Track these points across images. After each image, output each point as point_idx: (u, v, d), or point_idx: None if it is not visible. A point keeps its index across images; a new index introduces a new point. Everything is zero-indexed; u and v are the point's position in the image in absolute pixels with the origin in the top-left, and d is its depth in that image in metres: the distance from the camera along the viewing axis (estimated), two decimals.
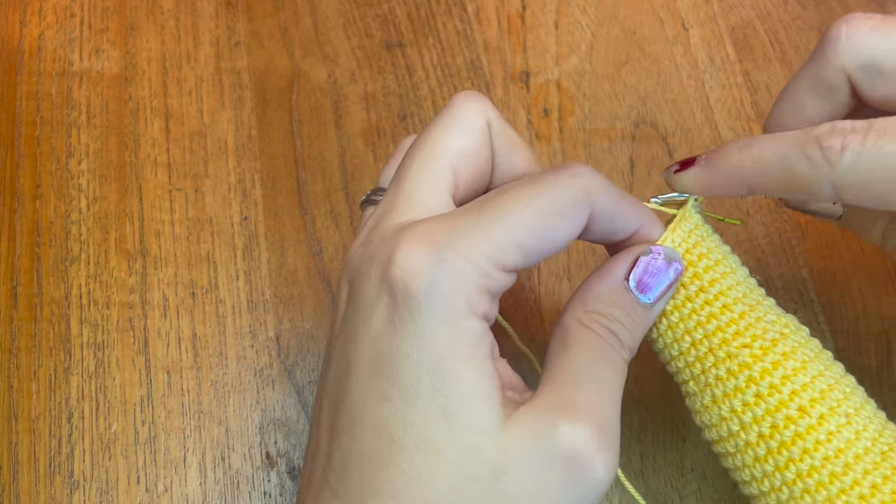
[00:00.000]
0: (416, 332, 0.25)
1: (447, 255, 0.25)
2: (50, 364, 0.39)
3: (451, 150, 0.29)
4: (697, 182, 0.31)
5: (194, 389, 0.38)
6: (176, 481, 0.37)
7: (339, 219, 0.42)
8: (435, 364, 0.25)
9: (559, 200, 0.27)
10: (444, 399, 0.25)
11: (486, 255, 0.26)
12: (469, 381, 0.25)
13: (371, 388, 0.26)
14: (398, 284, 0.26)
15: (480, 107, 0.29)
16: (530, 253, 0.27)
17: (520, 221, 0.26)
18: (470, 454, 0.25)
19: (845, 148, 0.27)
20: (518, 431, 0.25)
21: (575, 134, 0.44)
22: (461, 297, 0.25)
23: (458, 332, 0.25)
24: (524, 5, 0.47)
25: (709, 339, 0.29)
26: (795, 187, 0.28)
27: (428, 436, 0.25)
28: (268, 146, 0.44)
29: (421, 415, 0.25)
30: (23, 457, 0.37)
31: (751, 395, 0.28)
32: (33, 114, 0.44)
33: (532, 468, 0.25)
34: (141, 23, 0.46)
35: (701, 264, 0.30)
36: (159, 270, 0.41)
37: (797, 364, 0.28)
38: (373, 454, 0.26)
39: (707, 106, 0.44)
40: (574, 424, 0.25)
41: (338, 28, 0.46)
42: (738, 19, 0.47)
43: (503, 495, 0.25)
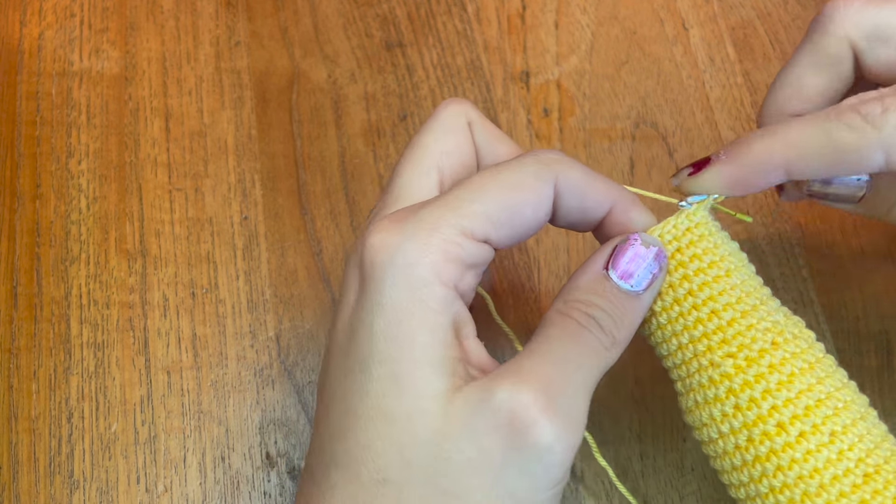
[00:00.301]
0: (378, 301, 0.26)
1: (410, 227, 0.26)
2: (50, 364, 0.39)
3: (435, 149, 0.30)
4: (722, 180, 0.30)
5: (194, 389, 0.38)
6: (176, 481, 0.37)
7: (339, 219, 0.42)
8: (392, 330, 0.26)
9: (521, 172, 0.28)
10: (396, 364, 0.26)
11: (451, 223, 0.27)
12: (422, 344, 0.26)
13: (342, 364, 0.27)
14: (366, 261, 0.27)
15: (460, 108, 0.31)
16: (500, 224, 0.27)
17: (487, 193, 0.27)
18: (416, 419, 0.25)
19: (887, 109, 0.27)
20: (462, 397, 0.26)
21: (575, 134, 0.44)
22: (426, 265, 0.26)
23: (418, 298, 0.26)
24: (524, 5, 0.47)
25: (694, 344, 0.29)
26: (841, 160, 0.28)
27: (379, 402, 0.26)
28: (268, 146, 0.44)
29: (374, 382, 0.26)
30: (23, 457, 0.37)
31: (730, 406, 0.28)
32: (33, 114, 0.44)
33: (473, 434, 0.25)
34: (141, 23, 0.46)
35: (692, 266, 0.30)
36: (159, 270, 0.41)
37: (783, 377, 0.28)
38: (337, 427, 0.26)
39: (707, 106, 0.44)
40: (514, 389, 0.25)
41: (338, 28, 0.46)
42: (738, 19, 0.47)
43: (447, 463, 0.25)
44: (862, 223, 0.41)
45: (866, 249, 0.41)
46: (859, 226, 0.41)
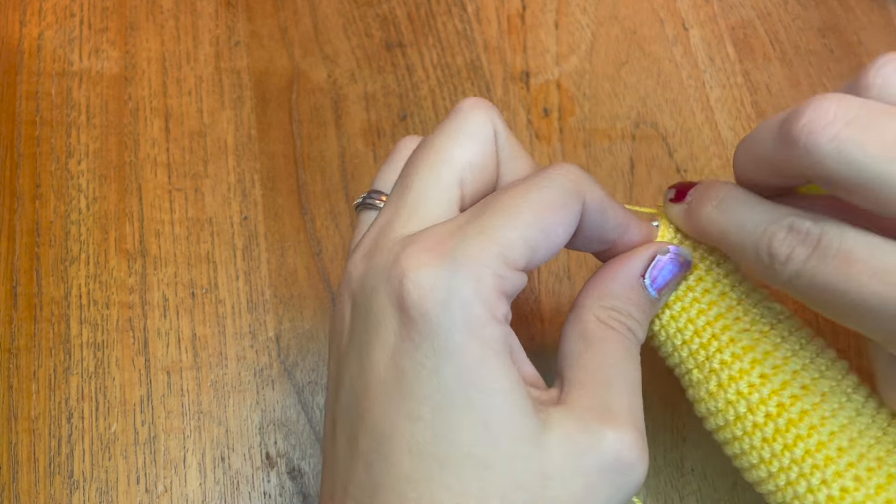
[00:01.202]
0: (440, 347, 0.25)
1: (459, 262, 0.25)
2: (50, 364, 0.39)
3: (458, 160, 0.28)
4: (680, 222, 0.31)
5: (194, 389, 0.38)
6: (176, 481, 0.37)
7: (339, 219, 0.42)
8: (466, 378, 0.25)
9: (555, 192, 0.27)
10: (483, 411, 0.25)
11: (495, 255, 0.25)
12: (503, 391, 0.25)
13: (398, 407, 0.25)
14: (412, 299, 0.25)
15: (488, 116, 0.29)
16: (537, 248, 0.26)
17: (522, 217, 0.26)
18: (517, 464, 0.25)
19: (789, 261, 0.27)
20: (561, 439, 0.25)
21: (575, 134, 0.44)
22: (480, 304, 0.25)
23: (483, 342, 0.25)
24: (524, 5, 0.47)
25: (711, 325, 0.30)
26: (751, 270, 0.30)
27: (471, 451, 0.25)
28: (268, 146, 0.44)
29: (460, 430, 0.25)
30: (22, 457, 0.37)
31: (756, 375, 0.29)
32: (33, 114, 0.44)
33: (579, 474, 0.25)
34: (141, 23, 0.46)
35: (696, 255, 0.31)
36: (159, 270, 0.41)
37: (797, 346, 0.29)
38: (411, 474, 0.25)
39: (707, 106, 0.44)
40: (618, 433, 0.26)
41: (338, 28, 0.46)
42: (738, 19, 0.47)
43: (553, 502, 0.25)
44: None
45: None
46: None
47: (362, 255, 0.28)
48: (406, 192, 0.28)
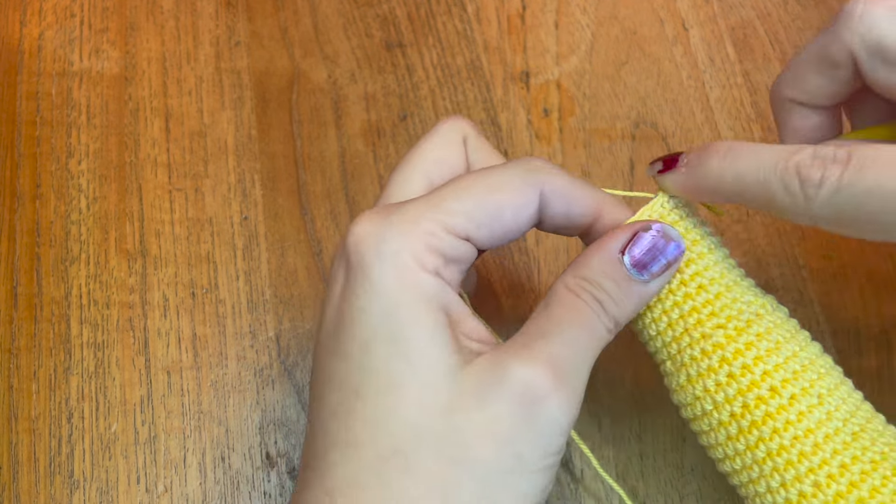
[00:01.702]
0: (369, 288, 0.27)
1: (394, 218, 0.28)
2: (50, 364, 0.39)
3: (424, 158, 0.31)
4: (679, 187, 0.31)
5: (194, 389, 0.38)
6: (176, 481, 0.37)
7: (339, 219, 0.42)
8: (391, 314, 0.27)
9: (507, 176, 0.29)
10: (404, 344, 0.26)
11: (431, 218, 0.28)
12: (425, 326, 0.27)
13: (334, 348, 0.28)
14: (350, 249, 0.28)
15: (457, 124, 0.32)
16: (480, 223, 0.28)
17: (466, 192, 0.28)
18: (427, 392, 0.26)
19: (823, 182, 0.27)
20: (473, 371, 0.27)
21: (575, 134, 0.44)
22: (408, 253, 0.27)
23: (409, 285, 0.27)
24: (524, 5, 0.47)
25: (684, 319, 0.30)
26: (772, 211, 0.29)
27: (389, 379, 0.26)
28: (268, 146, 0.44)
29: (381, 360, 0.27)
30: (23, 457, 0.37)
31: (723, 374, 0.29)
32: (33, 114, 0.44)
33: (484, 403, 0.26)
34: (141, 23, 0.46)
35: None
36: (159, 270, 0.41)
37: (770, 345, 0.29)
38: (336, 409, 0.27)
39: (707, 106, 0.44)
40: (526, 365, 0.26)
41: (338, 28, 0.46)
42: (738, 19, 0.47)
43: (457, 432, 0.26)
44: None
45: (866, 249, 0.41)
46: None
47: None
48: (384, 191, 0.31)
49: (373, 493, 0.26)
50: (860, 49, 0.29)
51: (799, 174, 0.27)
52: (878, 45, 0.28)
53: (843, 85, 0.30)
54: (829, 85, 0.30)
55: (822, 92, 0.31)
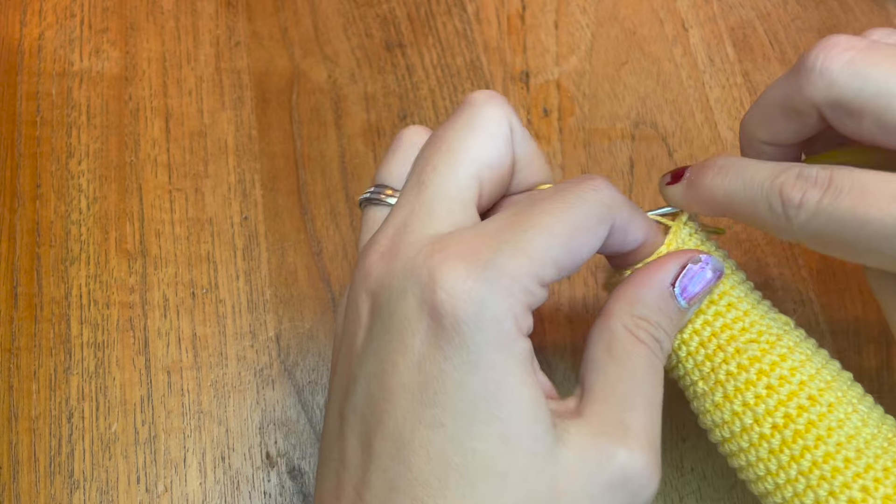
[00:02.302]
0: (469, 360, 0.25)
1: (494, 276, 0.25)
2: (50, 364, 0.39)
3: (476, 158, 0.28)
4: (680, 199, 0.31)
5: (194, 389, 0.39)
6: (176, 481, 0.37)
7: (339, 219, 0.42)
8: (490, 391, 0.25)
9: (587, 216, 0.27)
10: (503, 424, 0.25)
11: (527, 272, 0.25)
12: (525, 405, 0.25)
13: (420, 414, 0.25)
14: (445, 308, 0.25)
15: (503, 111, 0.29)
16: (563, 268, 0.26)
17: (556, 236, 0.26)
18: (531, 477, 0.25)
19: (802, 204, 0.27)
20: (576, 454, 0.26)
21: (575, 134, 0.44)
22: (511, 319, 0.25)
23: (510, 357, 0.25)
24: (524, 5, 0.47)
25: (717, 336, 0.30)
26: (759, 227, 0.29)
27: (489, 462, 0.25)
28: (268, 146, 0.44)
29: (480, 441, 0.25)
30: (23, 457, 0.37)
31: (762, 386, 0.29)
32: (33, 114, 0.44)
33: (589, 490, 0.26)
34: (141, 23, 0.46)
35: None
36: (159, 270, 0.41)
37: (802, 357, 0.29)
38: (428, 480, 0.25)
39: (707, 106, 0.44)
40: (631, 452, 0.26)
41: (338, 28, 0.46)
42: (738, 19, 0.47)
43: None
44: None
45: None
46: None
47: (380, 253, 0.27)
48: (423, 189, 0.27)
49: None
50: (824, 105, 0.28)
51: (781, 195, 0.28)
52: (839, 101, 0.28)
53: (811, 128, 0.30)
54: (798, 128, 0.30)
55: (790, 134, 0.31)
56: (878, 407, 0.30)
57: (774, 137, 0.31)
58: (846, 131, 0.29)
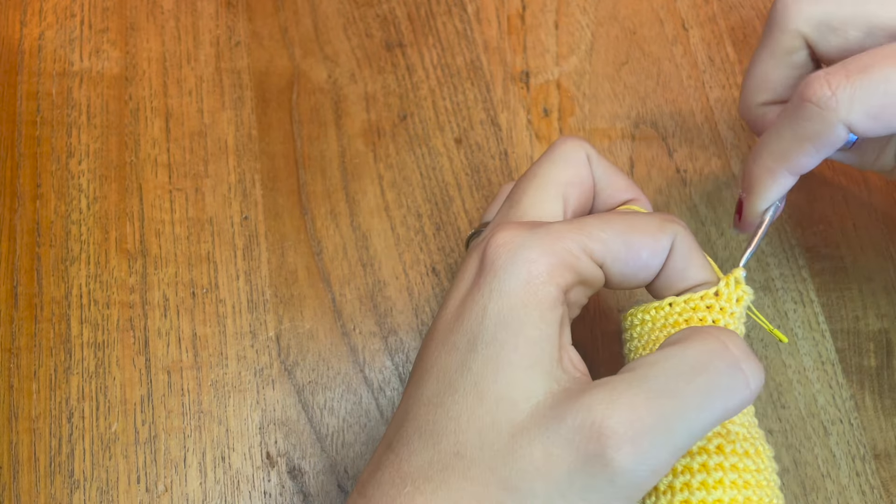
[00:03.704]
0: (496, 288, 0.27)
1: (539, 231, 0.28)
2: (50, 364, 0.39)
3: (560, 180, 0.31)
4: (754, 213, 0.34)
5: (194, 389, 0.39)
6: (176, 481, 0.37)
7: (339, 219, 0.42)
8: (505, 316, 0.26)
9: (646, 219, 0.30)
10: (502, 348, 0.26)
11: (574, 238, 0.28)
12: (529, 338, 0.26)
13: (445, 341, 0.28)
14: (489, 252, 0.28)
15: (579, 143, 0.32)
16: (617, 255, 0.28)
17: (609, 224, 0.29)
18: (503, 406, 0.26)
19: (835, 91, 0.29)
20: (551, 400, 0.25)
21: (575, 134, 0.44)
22: (544, 264, 0.27)
23: (534, 294, 0.27)
24: (524, 5, 0.47)
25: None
26: (820, 147, 0.30)
27: (477, 380, 0.26)
28: (268, 146, 0.44)
29: (478, 360, 0.26)
30: (23, 457, 0.37)
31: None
32: (33, 114, 0.44)
33: (547, 440, 0.24)
34: (141, 23, 0.46)
35: None
36: (159, 270, 0.41)
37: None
38: (431, 398, 0.27)
39: (707, 106, 0.44)
40: (600, 403, 0.24)
41: (338, 28, 0.46)
42: (738, 19, 0.47)
43: (515, 458, 0.25)
44: (863, 223, 0.41)
45: (866, 249, 0.41)
46: (860, 226, 0.41)
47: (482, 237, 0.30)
48: (518, 203, 0.31)
49: (434, 487, 0.26)
50: (809, 29, 0.32)
51: (809, 100, 0.30)
52: (823, 19, 0.31)
53: (802, 69, 0.33)
54: (790, 73, 0.34)
55: (787, 82, 0.34)
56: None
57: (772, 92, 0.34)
58: (832, 51, 0.32)
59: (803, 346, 0.39)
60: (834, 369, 0.38)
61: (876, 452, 0.37)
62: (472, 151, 0.43)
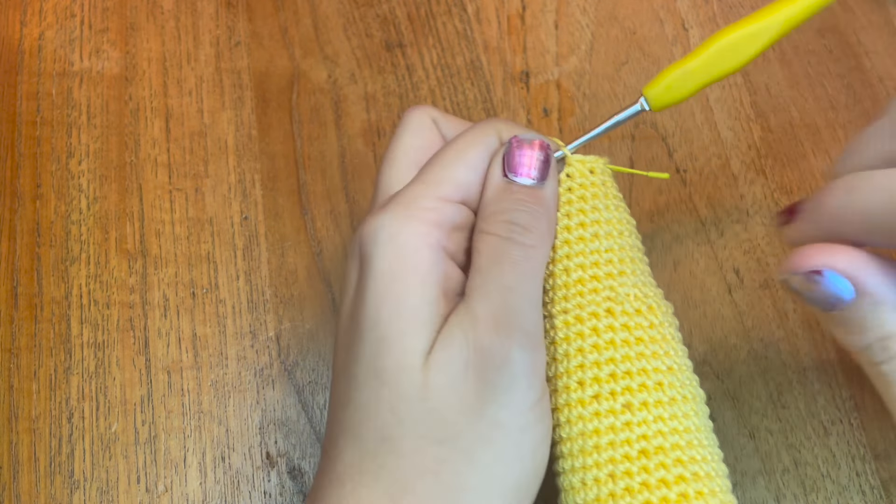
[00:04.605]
0: (370, 275, 0.28)
1: (391, 206, 0.29)
2: (50, 364, 0.39)
3: (409, 149, 0.32)
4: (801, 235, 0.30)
5: (194, 389, 0.39)
6: (176, 481, 0.37)
7: (339, 219, 0.42)
8: (381, 294, 0.28)
9: (468, 134, 0.31)
10: (385, 325, 0.27)
11: (425, 194, 0.29)
12: (410, 305, 0.28)
13: (343, 340, 0.29)
14: (360, 246, 0.29)
15: (422, 110, 0.33)
16: (469, 183, 0.30)
17: (446, 160, 0.30)
18: (403, 376, 0.27)
19: None
20: (437, 348, 0.27)
21: (575, 134, 0.44)
22: (407, 234, 0.28)
23: (405, 263, 0.28)
24: (524, 5, 0.47)
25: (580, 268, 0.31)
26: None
27: (371, 363, 0.27)
28: (268, 146, 0.44)
29: (367, 345, 0.28)
30: (23, 457, 0.37)
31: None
32: (33, 114, 0.44)
33: (450, 381, 0.27)
34: (141, 23, 0.46)
35: (574, 219, 0.32)
36: (159, 270, 0.41)
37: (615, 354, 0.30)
38: (341, 397, 0.28)
39: (707, 106, 0.44)
40: (469, 329, 0.27)
41: (338, 28, 0.46)
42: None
43: (434, 413, 0.27)
44: None
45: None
46: None
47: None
48: (378, 189, 0.32)
49: (373, 477, 0.27)
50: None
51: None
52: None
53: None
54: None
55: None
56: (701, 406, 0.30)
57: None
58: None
59: (803, 345, 0.39)
60: (834, 369, 0.38)
61: (876, 453, 0.37)
62: None
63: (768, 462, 0.37)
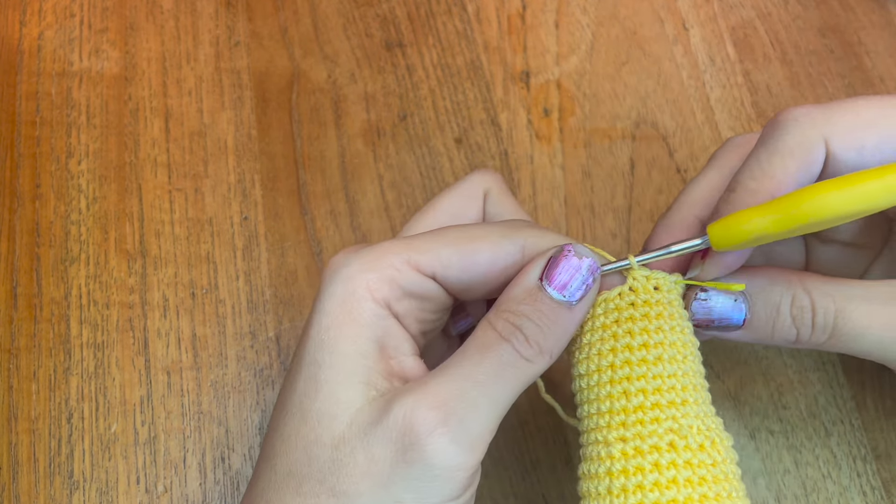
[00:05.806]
0: (319, 309, 0.28)
1: (363, 251, 0.29)
2: (50, 364, 0.39)
3: (442, 209, 0.33)
4: (717, 268, 0.31)
5: (194, 390, 0.38)
6: (176, 481, 0.37)
7: (339, 219, 0.42)
8: (323, 336, 0.28)
9: (486, 228, 0.30)
10: (318, 368, 0.28)
11: (398, 253, 0.29)
12: (343, 354, 0.27)
13: (293, 362, 0.29)
14: (324, 274, 0.29)
15: (482, 178, 0.34)
16: (450, 263, 0.29)
17: (442, 236, 0.29)
18: (324, 421, 0.27)
19: (811, 109, 0.29)
20: (367, 408, 0.27)
21: (575, 134, 0.44)
22: (360, 280, 0.28)
23: (348, 310, 0.28)
24: (524, 5, 0.47)
25: (595, 417, 0.29)
26: (798, 165, 0.29)
27: (300, 400, 0.28)
28: (268, 146, 0.44)
29: (301, 381, 0.28)
30: (23, 457, 0.37)
31: (603, 487, 0.28)
32: (33, 114, 0.44)
33: (367, 443, 0.26)
34: (141, 23, 0.46)
35: (622, 340, 0.29)
36: (159, 271, 0.41)
37: (661, 480, 0.27)
38: (272, 423, 0.29)
39: (707, 106, 0.44)
40: (413, 404, 0.26)
41: (338, 28, 0.46)
42: (738, 19, 0.47)
43: (341, 466, 0.26)
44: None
45: None
46: None
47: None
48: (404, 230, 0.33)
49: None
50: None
51: (790, 115, 0.29)
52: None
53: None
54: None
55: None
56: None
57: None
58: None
59: None
60: (835, 370, 0.38)
61: (877, 453, 0.37)
62: (472, 151, 0.43)
63: (769, 462, 0.37)
